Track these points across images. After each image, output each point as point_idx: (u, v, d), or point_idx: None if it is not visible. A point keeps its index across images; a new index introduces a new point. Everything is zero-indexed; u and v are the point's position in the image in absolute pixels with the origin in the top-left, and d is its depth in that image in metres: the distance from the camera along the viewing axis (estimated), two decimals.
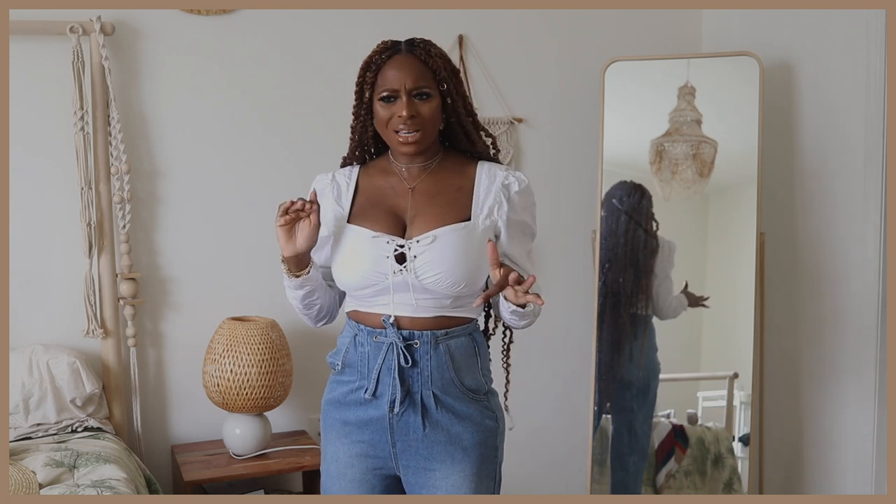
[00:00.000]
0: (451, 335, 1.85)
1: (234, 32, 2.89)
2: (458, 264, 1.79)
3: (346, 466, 1.91)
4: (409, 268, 1.80)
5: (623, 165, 3.11)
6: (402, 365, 1.82)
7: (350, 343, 1.89)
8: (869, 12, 2.70)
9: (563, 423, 3.34)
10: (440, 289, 1.80)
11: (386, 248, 1.82)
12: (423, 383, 1.83)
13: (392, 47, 1.85)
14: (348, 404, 1.90)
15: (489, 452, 1.89)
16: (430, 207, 1.86)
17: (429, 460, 1.85)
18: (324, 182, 1.96)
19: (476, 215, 1.85)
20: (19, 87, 2.66)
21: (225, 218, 2.93)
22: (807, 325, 3.02)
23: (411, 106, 1.81)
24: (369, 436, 1.88)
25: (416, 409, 1.83)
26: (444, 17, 3.08)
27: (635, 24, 3.32)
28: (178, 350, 2.91)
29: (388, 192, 1.90)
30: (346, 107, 1.96)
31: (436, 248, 1.80)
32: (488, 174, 1.90)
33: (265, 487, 2.87)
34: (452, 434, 1.85)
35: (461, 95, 1.89)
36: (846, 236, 2.86)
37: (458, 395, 1.85)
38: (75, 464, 2.33)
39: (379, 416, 1.85)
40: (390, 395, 1.83)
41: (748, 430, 3.02)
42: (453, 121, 1.89)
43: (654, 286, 3.08)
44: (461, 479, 1.86)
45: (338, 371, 1.94)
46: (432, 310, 1.83)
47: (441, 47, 1.89)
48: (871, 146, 2.73)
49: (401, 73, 1.82)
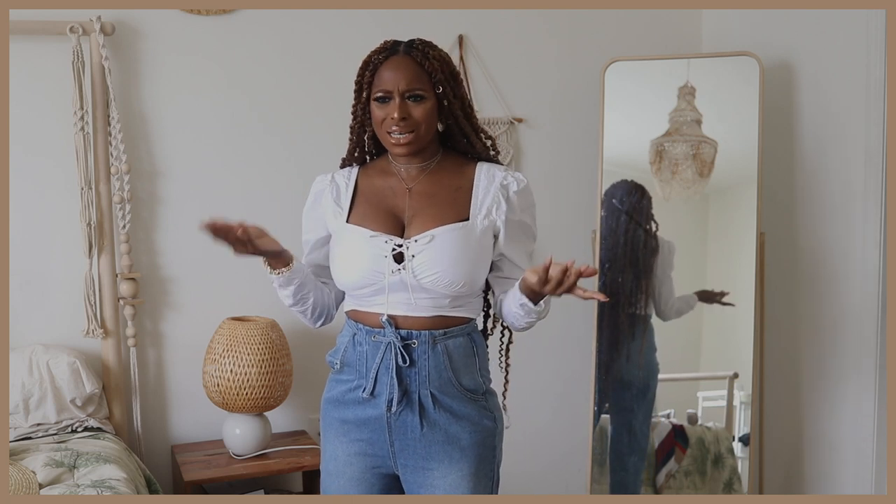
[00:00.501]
0: (450, 335, 1.85)
1: (234, 32, 2.89)
2: (456, 264, 1.80)
3: (344, 465, 1.91)
4: (406, 267, 1.80)
5: (623, 165, 3.11)
6: (400, 364, 1.82)
7: (349, 342, 1.90)
8: (869, 12, 2.70)
9: (563, 423, 3.33)
10: (438, 288, 1.81)
11: (384, 248, 1.82)
12: (421, 383, 1.84)
13: (391, 48, 1.86)
14: (347, 403, 1.90)
15: (487, 452, 1.90)
16: (429, 207, 1.86)
17: (427, 459, 1.86)
18: (323, 183, 1.96)
19: (474, 215, 1.86)
20: (19, 87, 2.66)
21: (225, 218, 2.92)
22: (807, 325, 3.02)
23: (403, 108, 1.81)
24: (368, 434, 1.88)
25: (414, 408, 1.84)
26: (444, 17, 3.08)
27: (635, 24, 3.32)
28: (178, 350, 2.91)
29: (386, 193, 1.90)
30: (346, 107, 1.97)
31: (434, 247, 1.80)
32: (487, 174, 1.90)
33: (265, 487, 2.87)
34: (450, 434, 1.85)
35: (459, 98, 1.89)
36: (846, 236, 2.86)
37: (456, 394, 1.86)
38: (75, 464, 2.33)
39: (377, 415, 1.86)
40: (388, 394, 1.84)
41: (748, 430, 3.02)
42: (451, 123, 1.89)
43: (656, 287, 3.08)
44: (459, 478, 1.86)
45: (337, 370, 1.94)
46: (430, 309, 1.83)
47: (442, 49, 1.89)
48: (871, 146, 2.73)
49: (395, 74, 1.82)
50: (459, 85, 1.90)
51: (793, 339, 3.08)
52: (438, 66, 1.84)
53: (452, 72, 1.88)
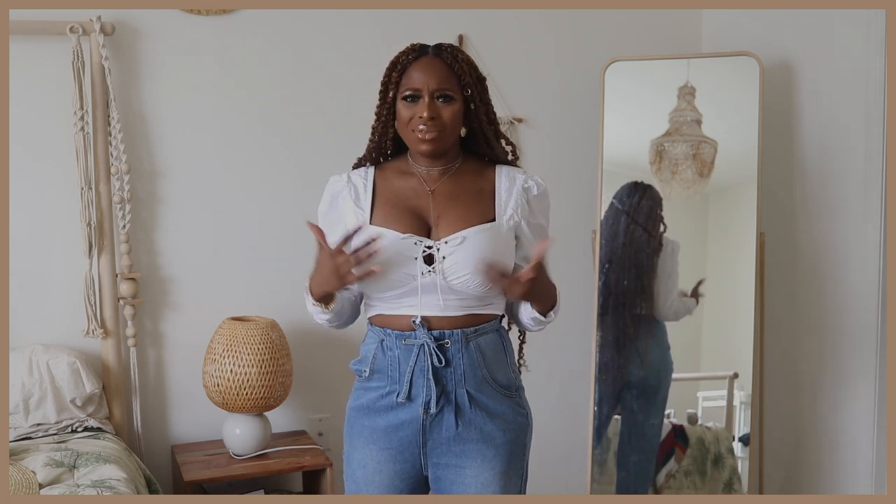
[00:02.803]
0: (480, 332, 1.86)
1: (234, 32, 2.88)
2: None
3: (374, 472, 1.91)
4: (437, 269, 1.80)
5: (623, 165, 3.11)
6: (436, 365, 1.82)
7: (377, 349, 1.88)
8: (869, 12, 2.70)
9: (563, 423, 3.33)
10: (468, 289, 1.81)
11: (414, 250, 1.82)
12: (458, 382, 1.84)
13: (420, 50, 1.87)
14: (378, 410, 1.89)
15: (518, 450, 1.92)
16: (454, 209, 1.86)
17: (460, 458, 1.86)
18: (340, 184, 1.94)
19: (500, 216, 1.87)
20: (19, 87, 2.66)
21: (225, 218, 2.93)
22: (807, 325, 3.02)
23: (433, 107, 1.82)
24: (398, 442, 1.87)
25: (451, 408, 1.84)
26: (444, 17, 3.08)
27: (635, 24, 3.32)
28: (178, 350, 2.91)
29: (408, 194, 1.89)
30: (346, 107, 1.97)
31: (465, 248, 1.81)
32: (508, 176, 1.92)
33: (265, 487, 2.87)
34: (485, 432, 1.86)
35: (485, 102, 1.90)
36: (846, 236, 2.86)
37: (492, 392, 1.87)
38: (75, 464, 2.33)
39: (412, 418, 1.86)
40: (425, 396, 1.83)
41: (748, 430, 3.02)
42: (475, 126, 1.90)
43: (655, 286, 3.07)
44: (491, 476, 1.87)
45: (365, 378, 1.92)
46: (460, 308, 1.84)
47: (468, 55, 1.90)
48: (871, 146, 2.73)
49: (425, 74, 1.83)
50: (485, 90, 1.92)
51: (793, 339, 3.08)
52: (467, 69, 1.86)
53: (479, 76, 1.90)
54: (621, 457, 3.10)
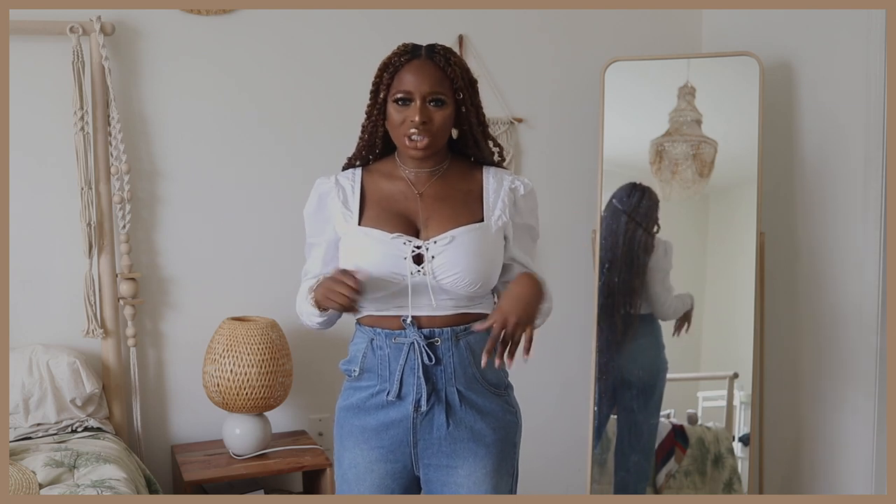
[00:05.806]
0: (471, 331, 1.86)
1: (234, 32, 2.89)
2: (475, 264, 1.82)
3: (365, 472, 1.90)
4: (426, 269, 1.80)
5: (623, 165, 3.11)
6: (426, 363, 1.83)
7: (367, 347, 1.89)
8: (869, 12, 2.70)
9: (563, 423, 3.33)
10: (457, 289, 1.82)
11: (403, 250, 1.82)
12: (448, 380, 1.85)
13: (412, 51, 1.85)
14: (368, 409, 1.89)
15: (509, 448, 1.92)
16: (443, 210, 1.87)
17: (451, 458, 1.87)
18: (327, 185, 1.94)
19: (488, 216, 1.88)
20: (19, 87, 2.66)
21: (225, 218, 2.93)
22: (807, 325, 3.02)
23: (424, 111, 1.82)
24: (388, 441, 1.88)
25: (442, 406, 1.84)
26: (444, 17, 3.08)
27: (635, 24, 3.32)
28: (178, 350, 2.91)
29: (396, 196, 1.90)
30: (345, 107, 1.97)
31: (454, 248, 1.81)
32: (495, 178, 1.93)
33: (265, 487, 2.87)
34: (475, 431, 1.86)
35: (476, 105, 1.90)
36: (846, 236, 2.86)
37: (482, 390, 1.87)
38: (75, 464, 2.33)
39: (402, 416, 1.86)
40: (415, 394, 1.84)
41: (748, 430, 3.02)
42: (465, 129, 1.90)
43: (652, 286, 3.08)
44: (483, 475, 1.87)
45: (354, 377, 1.92)
46: (450, 308, 1.85)
47: (461, 56, 1.90)
48: (871, 146, 2.73)
49: (418, 77, 1.82)
50: (476, 93, 1.91)
51: (793, 339, 3.08)
52: (460, 72, 1.85)
53: (471, 79, 1.90)
54: (620, 457, 3.10)
